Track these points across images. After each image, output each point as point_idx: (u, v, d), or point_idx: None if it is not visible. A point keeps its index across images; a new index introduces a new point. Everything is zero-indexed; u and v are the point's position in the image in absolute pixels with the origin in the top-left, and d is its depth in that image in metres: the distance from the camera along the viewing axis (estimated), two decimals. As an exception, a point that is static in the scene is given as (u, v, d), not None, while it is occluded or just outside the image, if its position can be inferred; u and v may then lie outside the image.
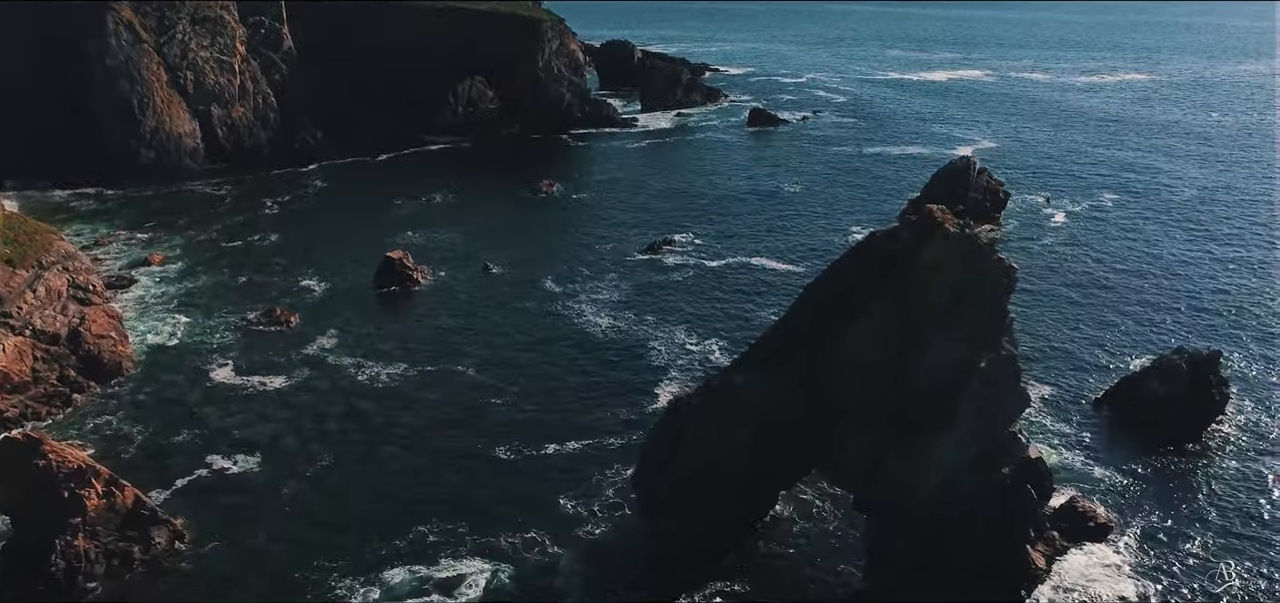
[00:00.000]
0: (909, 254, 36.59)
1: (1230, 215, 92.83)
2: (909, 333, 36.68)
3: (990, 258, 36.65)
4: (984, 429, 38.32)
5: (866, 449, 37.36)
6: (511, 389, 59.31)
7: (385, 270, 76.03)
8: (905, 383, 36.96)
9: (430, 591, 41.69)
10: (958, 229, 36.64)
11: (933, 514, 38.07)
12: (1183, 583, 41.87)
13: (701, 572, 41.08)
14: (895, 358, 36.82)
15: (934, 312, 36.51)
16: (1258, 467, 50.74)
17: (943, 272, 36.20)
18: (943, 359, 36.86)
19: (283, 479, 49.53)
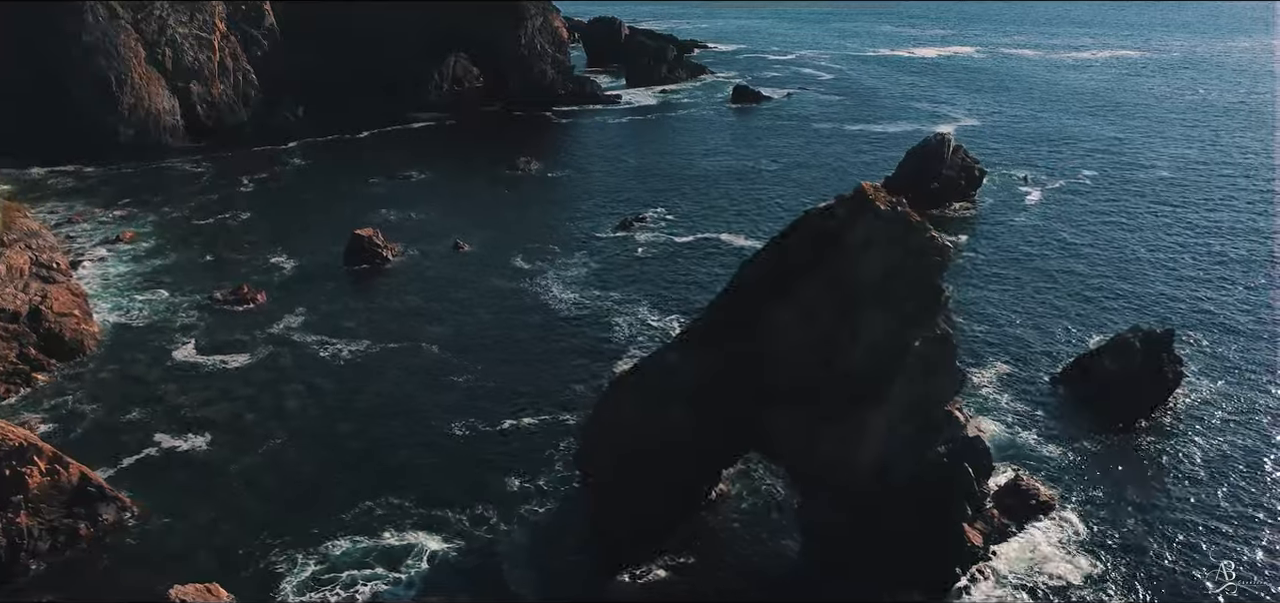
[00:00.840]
0: (841, 232, 36.63)
1: (1208, 194, 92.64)
2: (841, 312, 36.79)
3: (923, 236, 36.69)
4: (919, 409, 38.51)
5: (799, 428, 37.56)
6: (473, 367, 59.63)
7: (354, 248, 76.18)
8: (838, 362, 37.11)
9: (374, 563, 42.23)
10: (889, 207, 36.66)
11: (867, 493, 38.33)
12: (1120, 559, 42.21)
13: (644, 548, 41.51)
14: (828, 337, 36.94)
15: (866, 290, 36.61)
16: (1203, 444, 50.99)
17: (874, 250, 36.27)
18: (875, 338, 37.00)
19: (236, 456, 49.96)
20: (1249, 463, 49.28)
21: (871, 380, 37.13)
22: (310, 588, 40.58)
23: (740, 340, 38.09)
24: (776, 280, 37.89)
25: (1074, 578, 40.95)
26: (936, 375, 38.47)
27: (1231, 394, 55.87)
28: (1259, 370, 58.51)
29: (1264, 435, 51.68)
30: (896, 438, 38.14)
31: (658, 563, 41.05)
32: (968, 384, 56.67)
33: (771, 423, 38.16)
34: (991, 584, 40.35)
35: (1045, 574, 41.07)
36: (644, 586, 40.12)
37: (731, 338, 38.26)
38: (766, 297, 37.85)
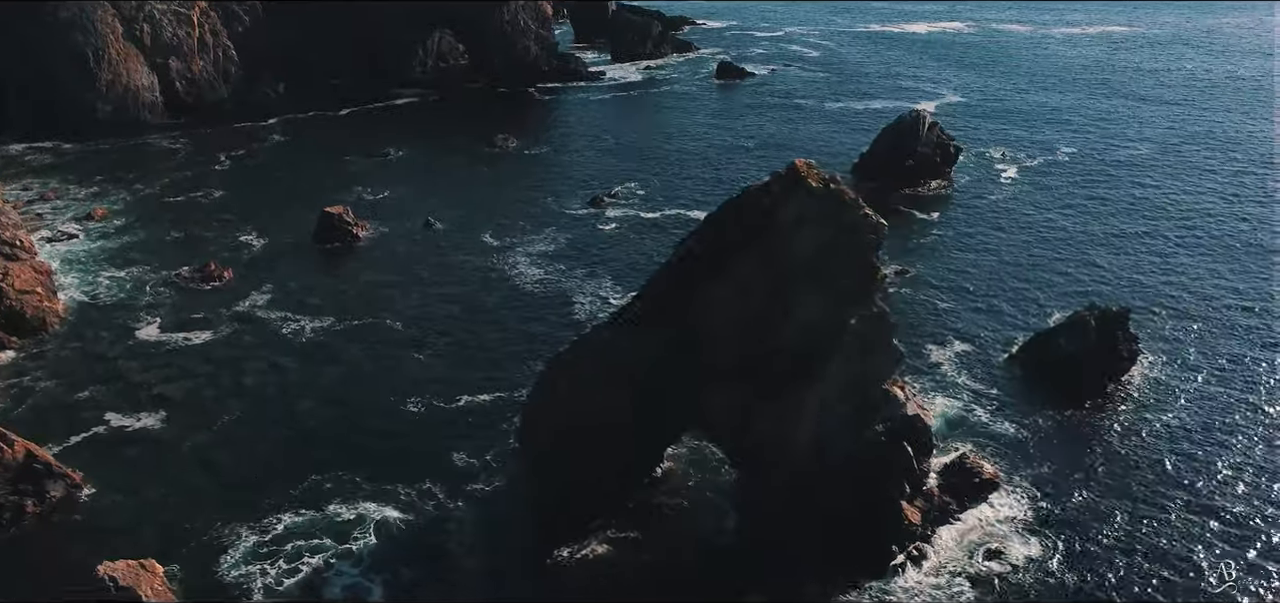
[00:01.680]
0: (774, 210, 36.64)
1: (1187, 172, 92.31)
2: (775, 290, 36.88)
3: (856, 214, 36.70)
4: (856, 387, 38.68)
5: (735, 406, 37.74)
6: (434, 343, 59.89)
7: (324, 226, 76.18)
8: (772, 340, 37.23)
9: (321, 536, 42.74)
10: (821, 185, 36.65)
11: (804, 471, 38.56)
12: (1062, 538, 42.50)
13: (585, 524, 41.85)
14: (762, 315, 37.04)
15: (799, 268, 36.69)
16: (1152, 421, 51.22)
17: (807, 227, 36.32)
18: (810, 316, 37.11)
19: (190, 433, 50.30)
20: (1199, 442, 49.49)
21: (806, 359, 37.29)
22: (252, 560, 41.04)
23: (676, 318, 38.19)
24: (712, 258, 37.97)
25: (1014, 557, 41.24)
26: (873, 354, 38.63)
27: (1188, 372, 56.02)
28: (1218, 349, 58.64)
29: (1216, 413, 51.88)
30: (833, 416, 38.35)
31: (599, 539, 41.40)
32: (925, 361, 57.45)
33: (708, 401, 38.34)
34: (930, 563, 40.66)
35: (984, 553, 41.35)
36: (584, 561, 40.49)
37: (667, 316, 38.37)
38: (702, 274, 37.93)
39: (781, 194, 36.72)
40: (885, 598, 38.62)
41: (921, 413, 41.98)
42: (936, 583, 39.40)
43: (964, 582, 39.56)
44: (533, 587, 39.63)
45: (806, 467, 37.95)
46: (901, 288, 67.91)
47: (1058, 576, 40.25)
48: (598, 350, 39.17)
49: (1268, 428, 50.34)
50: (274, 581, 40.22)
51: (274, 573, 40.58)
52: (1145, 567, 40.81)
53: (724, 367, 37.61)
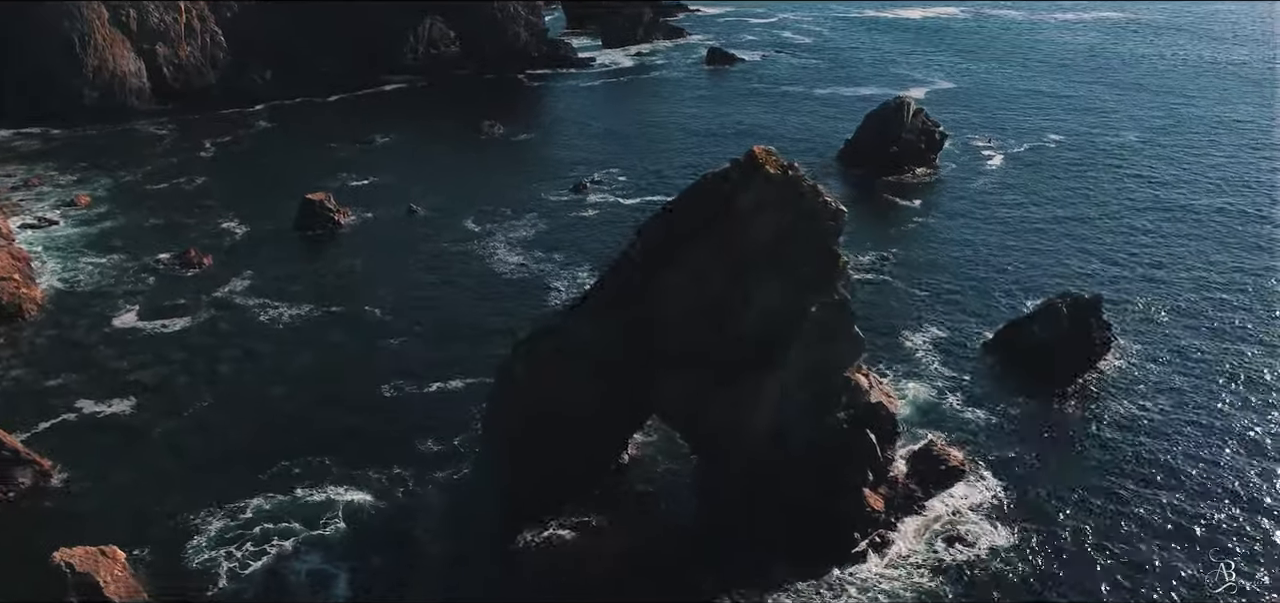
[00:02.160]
0: (732, 196, 36.62)
1: (1173, 158, 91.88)
2: (733, 276, 36.89)
3: (815, 200, 36.66)
4: (816, 375, 38.72)
5: (693, 393, 37.80)
6: (410, 330, 60.05)
7: (305, 213, 76.20)
8: (730, 327, 37.26)
9: (289, 520, 43.04)
10: (779, 171, 36.59)
11: (765, 458, 38.64)
12: (1026, 526, 42.47)
13: (548, 510, 41.98)
14: (720, 301, 37.07)
15: (757, 254, 36.67)
16: (1123, 410, 51.21)
17: (765, 214, 36.29)
18: (769, 303, 37.13)
19: (162, 419, 50.57)
20: (1168, 431, 49.39)
21: (765, 346, 37.32)
22: (219, 545, 41.33)
23: (635, 305, 38.23)
24: (669, 245, 37.95)
25: (978, 544, 41.22)
26: (834, 341, 38.67)
27: (1163, 361, 55.93)
28: (1194, 338, 58.46)
29: (1187, 402, 51.79)
30: (793, 404, 38.41)
31: (563, 525, 41.58)
32: (898, 348, 57.51)
33: (667, 388, 38.40)
34: (894, 550, 40.70)
35: (948, 541, 41.36)
36: (547, 548, 40.67)
37: (627, 302, 38.40)
38: (660, 260, 37.93)
39: (739, 181, 36.69)
40: (847, 585, 38.72)
41: (886, 400, 42.04)
42: (899, 570, 39.50)
43: (926, 569, 39.66)
44: (496, 573, 39.83)
45: (766, 454, 38.03)
46: (880, 275, 67.96)
47: (1021, 564, 40.30)
48: (557, 338, 39.22)
49: (1238, 418, 50.22)
50: (239, 565, 40.50)
51: (240, 557, 40.87)
52: (1108, 555, 40.83)
53: (682, 353, 37.66)
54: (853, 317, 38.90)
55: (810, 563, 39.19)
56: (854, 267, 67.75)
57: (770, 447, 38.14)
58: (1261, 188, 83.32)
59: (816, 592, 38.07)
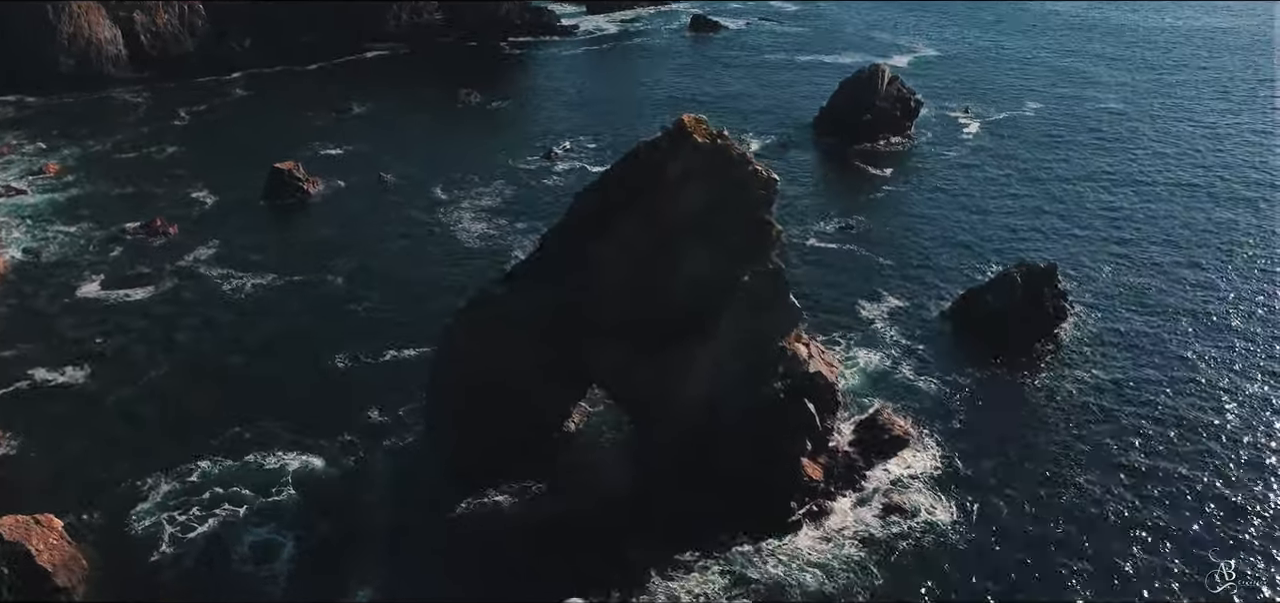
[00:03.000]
0: (661, 165, 36.56)
1: (1150, 126, 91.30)
2: (662, 245, 36.91)
3: (744, 169, 36.59)
4: (751, 344, 38.85)
5: (624, 362, 37.95)
6: (370, 298, 60.27)
7: (274, 182, 76.08)
8: (660, 296, 37.34)
9: (238, 486, 43.58)
10: (708, 140, 36.49)
11: (699, 426, 38.86)
12: (965, 493, 42.85)
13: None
14: (650, 271, 37.12)
15: (687, 224, 36.67)
16: (1073, 380, 51.39)
17: (693, 183, 36.23)
18: (699, 272, 37.18)
19: (116, 388, 50.92)
20: (1117, 401, 49.54)
21: (697, 315, 37.42)
22: (164, 510, 41.86)
23: (571, 274, 38.29)
24: (603, 214, 37.96)
25: (916, 514, 41.43)
26: (769, 311, 38.79)
27: (1120, 331, 55.98)
28: (1154, 308, 58.49)
29: (1139, 373, 51.93)
30: (727, 373, 38.58)
31: (502, 491, 41.88)
32: (855, 316, 57.62)
33: (601, 356, 38.56)
34: (831, 520, 40.91)
35: (886, 510, 41.52)
36: (486, 513, 41.01)
37: (563, 271, 38.47)
38: (594, 230, 37.95)
39: (669, 150, 36.60)
40: (782, 553, 38.99)
41: (826, 370, 42.16)
42: (834, 540, 39.74)
43: (857, 541, 39.80)
44: (436, 541, 40.23)
45: (700, 424, 38.23)
46: (844, 244, 67.93)
47: (956, 537, 40.53)
48: (495, 307, 39.35)
49: (1188, 393, 50.18)
50: (182, 530, 41.05)
51: (184, 521, 41.46)
52: (1048, 526, 41.04)
53: (614, 323, 37.78)
54: (788, 286, 38.93)
55: (745, 532, 39.51)
56: (817, 235, 69.29)
57: (704, 416, 38.34)
58: (1241, 159, 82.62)
59: (750, 562, 38.34)
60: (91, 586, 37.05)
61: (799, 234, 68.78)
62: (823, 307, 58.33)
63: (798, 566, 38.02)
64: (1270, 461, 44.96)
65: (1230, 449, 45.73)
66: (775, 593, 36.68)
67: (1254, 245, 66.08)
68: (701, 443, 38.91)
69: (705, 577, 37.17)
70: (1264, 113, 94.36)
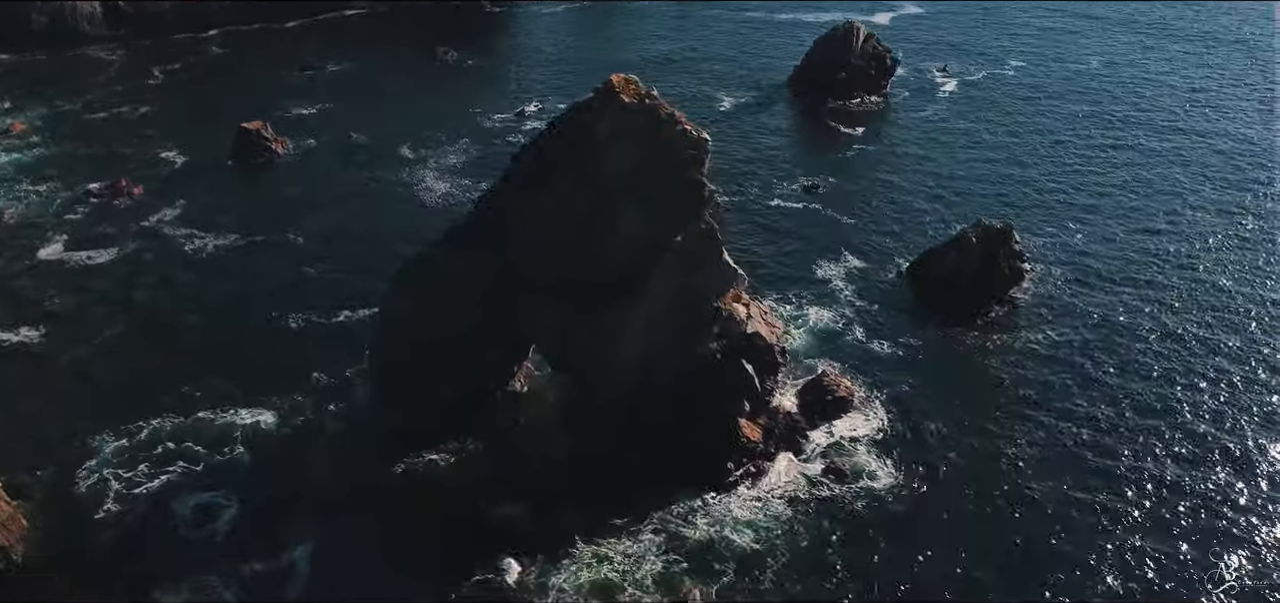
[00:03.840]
0: (591, 126, 36.36)
1: (1131, 87, 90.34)
2: (594, 206, 36.81)
3: (673, 130, 36.35)
4: (685, 304, 38.85)
5: (559, 322, 38.01)
6: (330, 258, 60.41)
7: (241, 142, 75.81)
8: (593, 257, 37.30)
9: (187, 444, 43.97)
10: (636, 100, 36.23)
11: (635, 386, 39.00)
12: (906, 456, 42.96)
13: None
14: (582, 232, 37.05)
15: (617, 184, 36.53)
16: (1025, 342, 51.48)
17: (623, 144, 36.06)
18: (630, 233, 37.10)
19: (71, 347, 51.24)
20: (1068, 364, 49.50)
21: (629, 275, 37.39)
22: (112, 466, 42.25)
23: (506, 233, 38.24)
24: (538, 174, 37.81)
25: (852, 479, 41.53)
26: (703, 271, 38.76)
27: (1079, 293, 55.83)
28: (1117, 271, 58.06)
29: (1094, 337, 51.77)
30: (661, 333, 38.64)
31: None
32: (812, 276, 57.59)
33: (537, 317, 38.60)
34: (768, 480, 41.13)
35: (820, 474, 41.64)
36: (424, 472, 41.29)
37: (499, 231, 38.41)
38: (528, 189, 37.83)
39: (599, 110, 36.36)
40: (715, 514, 39.10)
41: (765, 331, 42.18)
42: (768, 501, 39.92)
43: (796, 501, 40.06)
44: (373, 500, 40.57)
45: (634, 384, 38.36)
46: (809, 203, 67.72)
47: (894, 497, 40.81)
48: (432, 267, 39.34)
49: (1140, 354, 50.13)
50: (127, 488, 41.42)
51: (131, 478, 41.90)
52: (984, 489, 41.26)
53: (549, 283, 37.79)
54: (721, 245, 38.81)
55: (682, 494, 39.71)
56: (782, 195, 69.05)
57: (638, 376, 38.46)
58: (1219, 128, 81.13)
59: (684, 522, 38.56)
60: (30, 545, 37.45)
61: (761, 194, 68.71)
62: (779, 266, 58.39)
63: (730, 526, 38.31)
64: (1221, 429, 44.87)
65: (1182, 416, 45.62)
66: (704, 553, 36.98)
67: (1219, 214, 64.99)
68: (638, 404, 39.06)
69: (637, 538, 37.52)
70: (1249, 80, 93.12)
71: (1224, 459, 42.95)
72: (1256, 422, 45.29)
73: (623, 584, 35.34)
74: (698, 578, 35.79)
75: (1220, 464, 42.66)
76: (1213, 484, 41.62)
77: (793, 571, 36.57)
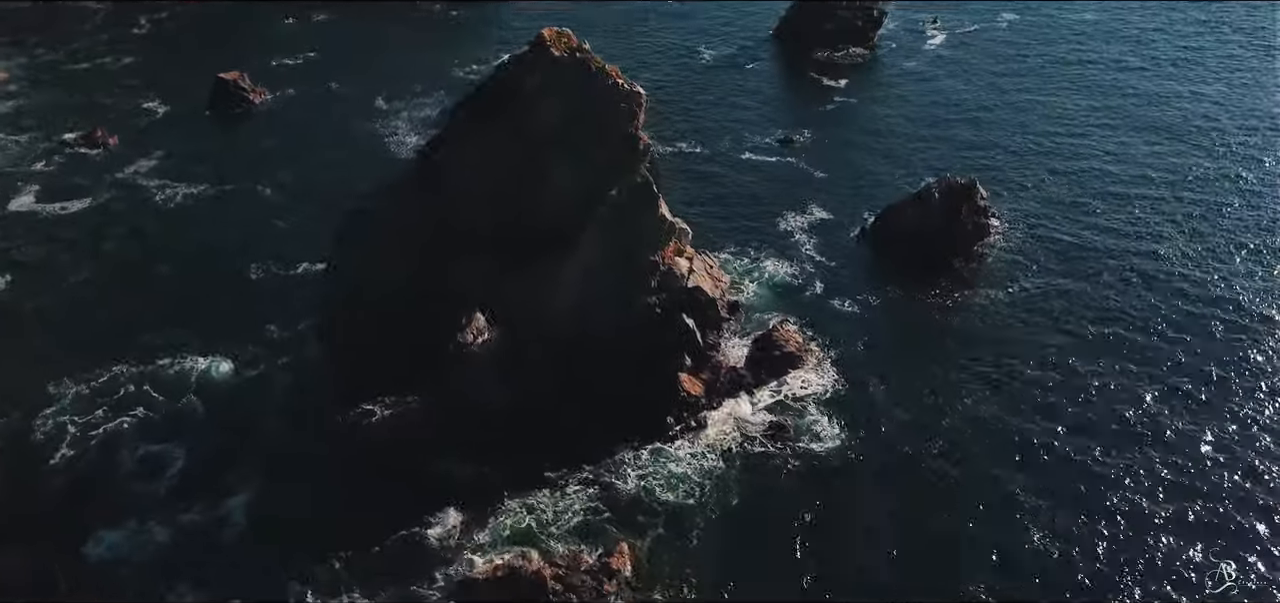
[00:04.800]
0: (522, 79, 36.14)
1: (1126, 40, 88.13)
2: (527, 159, 36.69)
3: (603, 82, 36.05)
4: (621, 257, 38.82)
5: (493, 275, 38.10)
6: (298, 210, 60.60)
7: (219, 92, 75.88)
8: (527, 209, 37.26)
9: (146, 387, 44.91)
10: (566, 53, 35.92)
11: (568, 341, 39.12)
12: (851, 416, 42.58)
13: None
14: (516, 184, 36.98)
15: (548, 138, 36.36)
16: (985, 299, 50.97)
17: (553, 97, 35.82)
18: (562, 186, 36.99)
19: (36, 296, 52.03)
20: (1026, 325, 48.64)
21: (562, 228, 37.35)
22: (71, 413, 43.05)
23: (442, 186, 38.23)
24: (472, 127, 37.69)
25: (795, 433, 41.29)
26: (638, 224, 38.64)
27: (1044, 252, 54.78)
28: (1086, 229, 56.90)
29: (1054, 298, 50.82)
30: (597, 288, 38.67)
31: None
32: (775, 230, 57.28)
33: (470, 271, 38.69)
34: (708, 435, 41.05)
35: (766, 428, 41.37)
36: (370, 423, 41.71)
37: (434, 184, 38.42)
38: (462, 142, 37.75)
39: (529, 64, 36.11)
40: (649, 470, 38.89)
41: (708, 285, 42.09)
42: (705, 457, 39.81)
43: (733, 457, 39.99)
44: (317, 452, 41.01)
45: (568, 337, 38.50)
46: (783, 157, 67.16)
47: (834, 455, 40.42)
48: (374, 219, 39.46)
49: (1103, 319, 48.86)
50: (82, 433, 42.23)
51: (86, 423, 42.69)
52: (927, 451, 40.56)
53: (482, 236, 37.82)
54: (658, 199, 38.65)
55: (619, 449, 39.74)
56: (754, 148, 68.50)
57: (573, 328, 38.58)
58: (1213, 92, 78.55)
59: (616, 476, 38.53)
60: (-20, 489, 38.31)
61: (733, 146, 68.15)
62: (741, 219, 58.17)
63: (662, 482, 38.49)
64: (1179, 394, 43.74)
65: (1137, 382, 44.62)
66: (632, 507, 37.28)
67: (1200, 186, 61.46)
68: (576, 357, 39.23)
69: (566, 491, 37.84)
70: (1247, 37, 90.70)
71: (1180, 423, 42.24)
72: (1222, 393, 43.51)
73: (542, 535, 35.74)
74: (623, 532, 36.10)
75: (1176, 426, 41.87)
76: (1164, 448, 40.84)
77: (721, 528, 36.71)
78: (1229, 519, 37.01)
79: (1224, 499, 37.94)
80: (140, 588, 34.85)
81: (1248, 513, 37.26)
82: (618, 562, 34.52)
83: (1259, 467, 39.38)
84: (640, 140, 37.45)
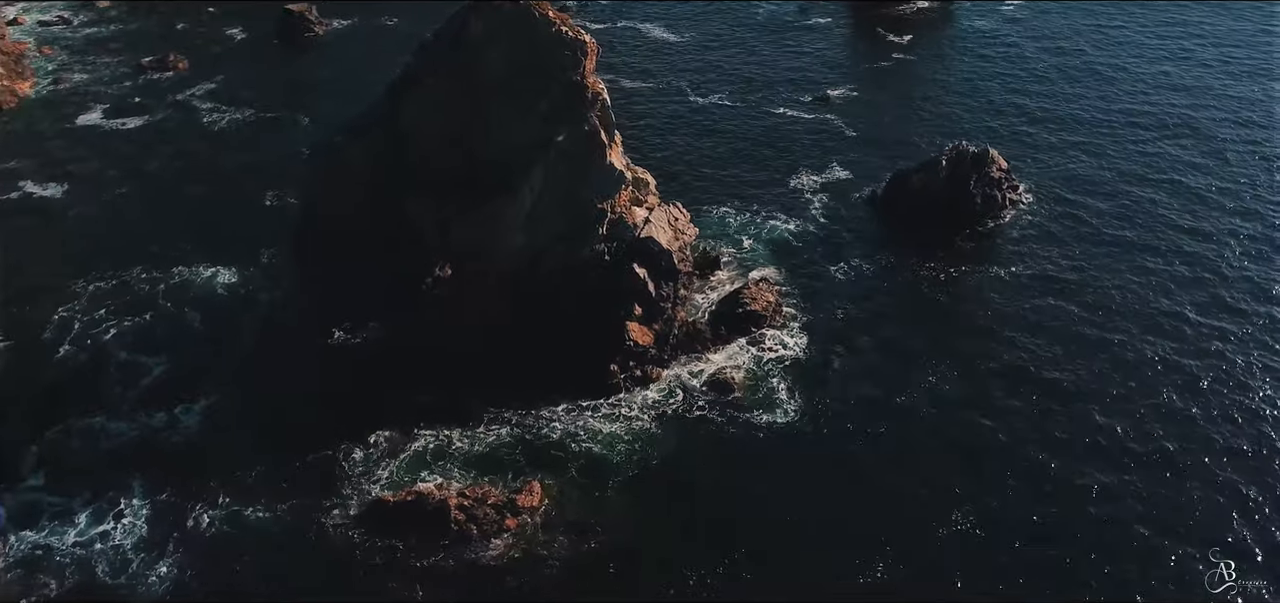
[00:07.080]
0: (468, 25, 36.25)
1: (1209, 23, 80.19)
2: (474, 105, 36.93)
3: (548, 30, 35.71)
4: (567, 204, 38.71)
5: (435, 215, 38.72)
6: (324, 139, 62.73)
7: (285, 23, 79.21)
8: (472, 153, 37.60)
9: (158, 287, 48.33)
10: (510, 2, 35.70)
11: (518, 279, 39.44)
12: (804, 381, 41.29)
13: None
14: (463, 128, 37.34)
15: (493, 84, 36.45)
16: (982, 277, 48.21)
17: (498, 45, 35.80)
18: (507, 132, 37.09)
19: (81, 205, 56.11)
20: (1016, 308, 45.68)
21: (506, 174, 37.52)
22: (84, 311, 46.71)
23: (394, 126, 39.03)
24: (424, 71, 38.19)
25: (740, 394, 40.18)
26: (585, 172, 38.35)
27: (1064, 229, 51.33)
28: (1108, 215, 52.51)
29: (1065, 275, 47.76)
30: (542, 233, 38.76)
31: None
32: (786, 185, 55.87)
33: (421, 208, 39.41)
34: (656, 387, 40.64)
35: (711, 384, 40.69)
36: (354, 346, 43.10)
37: (387, 123, 39.25)
38: (413, 86, 38.32)
39: (475, 11, 36.15)
40: (580, 417, 38.80)
41: (663, 236, 41.37)
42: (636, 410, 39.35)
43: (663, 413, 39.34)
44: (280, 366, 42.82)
45: (517, 277, 38.79)
46: (821, 113, 64.91)
47: (772, 423, 39.09)
48: (331, 155, 40.72)
49: (1103, 304, 45.74)
50: (86, 329, 45.62)
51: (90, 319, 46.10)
52: (876, 431, 38.82)
53: (429, 178, 38.42)
54: (606, 147, 38.21)
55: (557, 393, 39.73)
56: (788, 103, 66.25)
57: (520, 271, 38.86)
58: None
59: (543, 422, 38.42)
60: (-13, 373, 42.14)
61: (764, 100, 66.34)
62: (754, 175, 56.81)
63: (588, 432, 38.33)
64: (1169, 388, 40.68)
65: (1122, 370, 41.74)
66: (553, 451, 37.43)
67: (1230, 187, 55.03)
68: (523, 300, 39.52)
69: (492, 429, 38.32)
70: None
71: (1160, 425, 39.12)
72: (1216, 393, 40.29)
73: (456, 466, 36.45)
74: (540, 473, 36.41)
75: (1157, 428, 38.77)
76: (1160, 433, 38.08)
77: (638, 484, 36.31)
78: (1228, 517, 34.56)
79: (1220, 497, 35.25)
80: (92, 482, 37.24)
81: (1248, 512, 34.64)
82: (525, 500, 35.03)
83: (1260, 467, 36.22)
84: (589, 87, 36.97)
